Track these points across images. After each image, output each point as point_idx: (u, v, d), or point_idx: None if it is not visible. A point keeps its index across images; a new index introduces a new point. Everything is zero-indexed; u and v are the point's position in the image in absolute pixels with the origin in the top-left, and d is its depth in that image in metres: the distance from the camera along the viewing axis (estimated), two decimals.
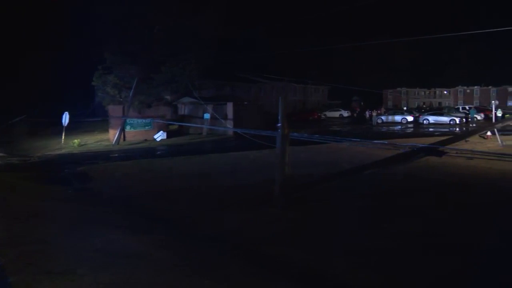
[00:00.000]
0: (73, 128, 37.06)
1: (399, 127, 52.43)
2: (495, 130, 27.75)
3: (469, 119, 54.83)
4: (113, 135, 34.36)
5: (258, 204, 12.40)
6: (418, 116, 59.39)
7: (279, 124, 12.36)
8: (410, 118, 59.00)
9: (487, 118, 56.41)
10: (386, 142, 25.15)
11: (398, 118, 59.58)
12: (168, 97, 41.31)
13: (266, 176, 14.64)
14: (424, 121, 55.71)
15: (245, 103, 47.49)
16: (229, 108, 39.82)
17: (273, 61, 74.92)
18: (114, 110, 36.28)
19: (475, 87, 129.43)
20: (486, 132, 29.41)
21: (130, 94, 34.47)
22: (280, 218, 11.00)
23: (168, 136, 36.33)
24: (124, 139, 34.79)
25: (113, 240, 9.39)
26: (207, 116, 38.18)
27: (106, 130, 37.45)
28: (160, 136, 35.52)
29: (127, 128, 35.44)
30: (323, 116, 74.85)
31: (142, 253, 8.56)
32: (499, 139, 26.88)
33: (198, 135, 38.42)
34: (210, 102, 40.10)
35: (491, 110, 42.28)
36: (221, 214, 11.64)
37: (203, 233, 10.15)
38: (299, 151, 22.54)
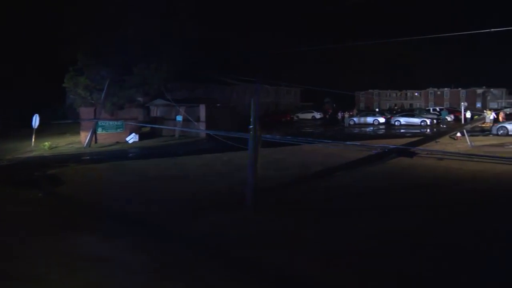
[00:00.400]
0: (44, 131, 36.51)
1: (371, 128, 52.88)
2: (465, 131, 28.17)
3: (440, 120, 55.62)
4: (84, 137, 33.94)
5: (231, 206, 12.39)
6: (390, 118, 60.01)
7: (251, 126, 12.37)
8: (382, 120, 59.60)
9: (457, 119, 57.31)
10: (358, 144, 25.43)
11: (370, 119, 60.14)
12: (140, 99, 40.93)
13: (239, 178, 14.64)
14: (396, 123, 56.34)
15: (218, 105, 47.36)
16: (202, 110, 39.70)
17: (247, 62, 74.92)
18: (85, 112, 35.86)
19: (445, 89, 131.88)
20: (456, 133, 29.86)
21: (102, 96, 34.11)
22: (253, 220, 11.01)
23: (140, 138, 36.05)
24: (96, 142, 34.41)
25: (85, 244, 9.30)
26: (179, 118, 37.96)
27: (77, 133, 36.97)
28: (132, 138, 35.22)
29: (99, 130, 35.06)
30: (295, 118, 75.17)
31: (114, 257, 8.49)
32: (468, 140, 27.28)
33: (170, 137, 38.19)
34: (183, 104, 39.88)
35: (461, 112, 43.08)
36: (194, 217, 11.60)
37: (177, 236, 10.11)
38: (271, 152, 22.58)
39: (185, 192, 15.13)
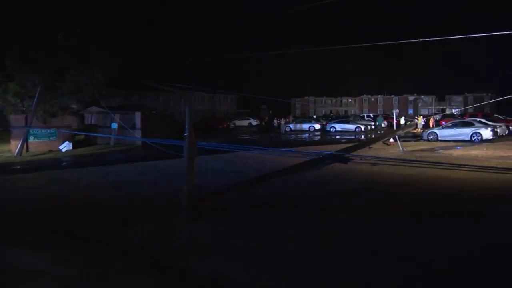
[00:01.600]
0: None
1: (307, 135, 53.73)
2: (397, 136, 29.06)
3: (376, 126, 57.34)
4: (15, 146, 32.84)
5: (166, 215, 12.29)
6: (325, 124, 61.30)
7: (186, 134, 12.32)
8: (317, 126, 60.82)
9: (390, 125, 59.07)
10: (294, 150, 25.76)
11: (306, 126, 61.24)
12: (74, 106, 40.01)
13: (175, 186, 14.52)
14: (331, 129, 57.59)
15: (154, 112, 47.01)
16: (137, 117, 39.24)
17: (182, 69, 74.59)
18: (16, 119, 34.79)
19: (379, 96, 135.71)
20: (389, 139, 30.74)
21: (34, 103, 33.17)
22: (187, 228, 10.90)
23: (74, 147, 35.22)
24: (28, 150, 33.36)
25: (10, 257, 8.98)
26: (114, 125, 37.39)
27: (7, 141, 35.74)
28: (65, 146, 34.39)
29: (31, 139, 34.00)
30: (232, 125, 75.67)
31: (41, 270, 8.22)
32: (400, 146, 28.13)
33: (105, 145, 37.52)
34: (118, 111, 39.34)
35: (393, 118, 44.75)
36: (127, 226, 11.42)
37: (108, 246, 9.90)
38: (208, 160, 22.57)
39: (120, 200, 14.89)
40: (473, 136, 35.38)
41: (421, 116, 58.65)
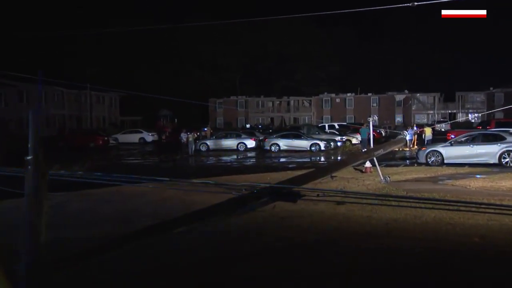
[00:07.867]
0: None
1: (234, 157, 53.93)
2: (375, 159, 29.05)
3: (360, 142, 57.72)
4: None
5: None
6: (264, 140, 61.44)
7: (30, 157, 11.90)
8: (250, 143, 61.20)
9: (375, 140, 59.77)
10: (212, 182, 25.55)
11: (232, 142, 61.41)
12: None
13: (7, 246, 14.07)
14: (273, 148, 57.83)
15: None
16: None
17: (25, 50, 73.48)
18: None
19: (348, 94, 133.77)
20: (364, 163, 30.70)
21: None
22: None
23: None
24: None
25: None
26: None
27: None
28: None
29: None
30: (113, 141, 75.12)
31: None
32: (380, 173, 28.01)
33: None
34: None
35: (378, 130, 44.70)
36: None
37: None
38: (69, 199, 22.12)
39: None
40: (504, 158, 35.73)
41: (407, 127, 59.78)
